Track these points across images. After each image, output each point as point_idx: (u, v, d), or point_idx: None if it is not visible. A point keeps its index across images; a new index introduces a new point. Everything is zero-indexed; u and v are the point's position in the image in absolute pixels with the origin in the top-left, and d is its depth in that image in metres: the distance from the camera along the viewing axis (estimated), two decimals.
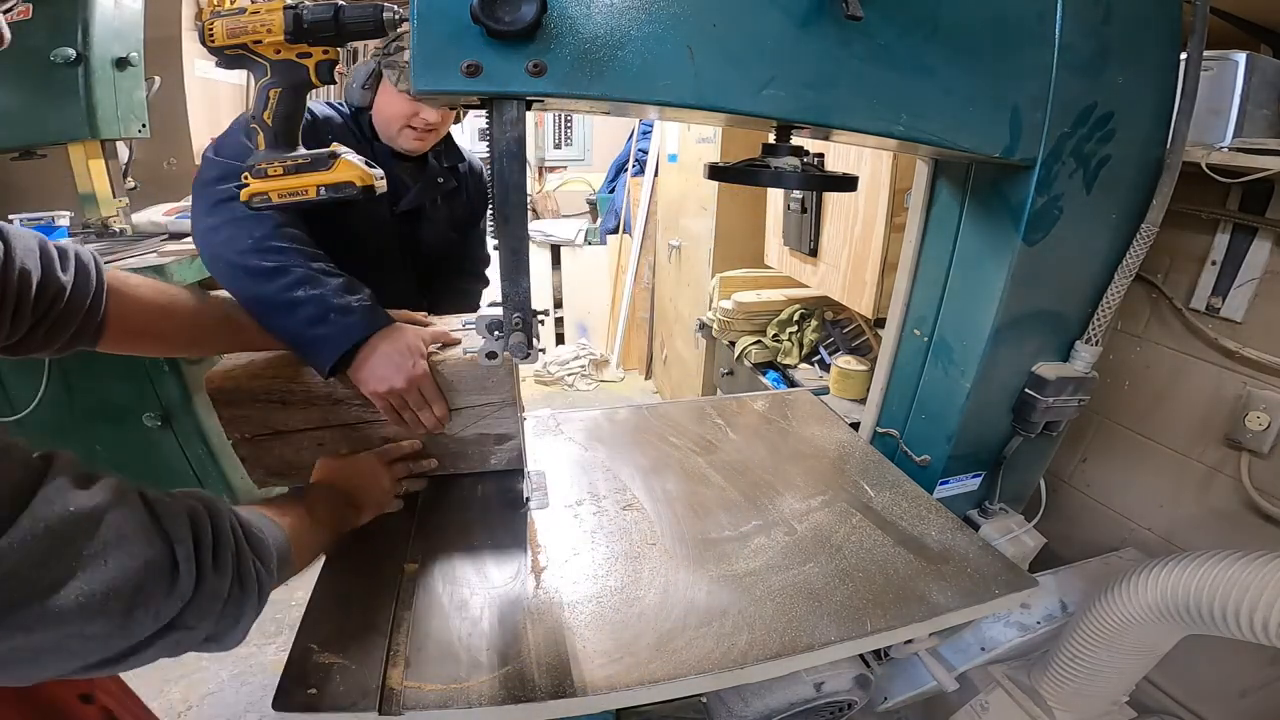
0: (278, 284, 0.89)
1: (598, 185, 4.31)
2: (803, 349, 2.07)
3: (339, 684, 0.65)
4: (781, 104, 0.65)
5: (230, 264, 0.92)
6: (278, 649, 1.95)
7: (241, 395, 0.90)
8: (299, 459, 0.96)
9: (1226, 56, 1.08)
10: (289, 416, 0.93)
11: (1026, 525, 1.08)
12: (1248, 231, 1.18)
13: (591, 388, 3.90)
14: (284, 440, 0.95)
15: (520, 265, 0.66)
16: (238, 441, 0.94)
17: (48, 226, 2.00)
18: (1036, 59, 0.78)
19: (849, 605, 0.78)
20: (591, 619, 0.76)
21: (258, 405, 0.91)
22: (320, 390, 0.92)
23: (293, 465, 0.97)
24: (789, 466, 1.11)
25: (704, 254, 2.71)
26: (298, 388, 0.91)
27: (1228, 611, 0.85)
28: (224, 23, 0.68)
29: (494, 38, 0.54)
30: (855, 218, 1.64)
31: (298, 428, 0.94)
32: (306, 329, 0.88)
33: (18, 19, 1.80)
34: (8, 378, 1.96)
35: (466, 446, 1.00)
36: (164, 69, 2.18)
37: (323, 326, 0.87)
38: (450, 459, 1.01)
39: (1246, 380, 1.20)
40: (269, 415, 0.92)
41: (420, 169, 1.34)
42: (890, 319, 1.16)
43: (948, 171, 1.00)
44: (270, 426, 0.93)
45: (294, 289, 0.88)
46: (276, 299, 0.89)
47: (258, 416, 0.92)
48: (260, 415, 0.92)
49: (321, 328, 0.87)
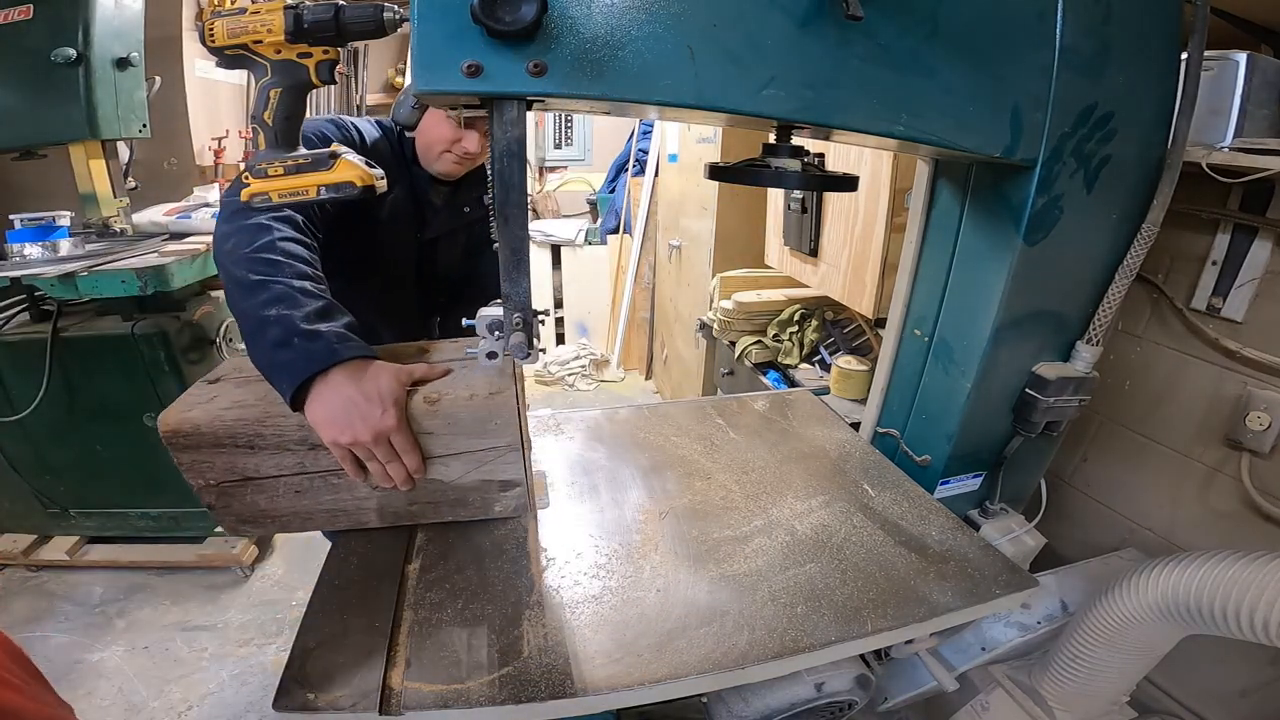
0: (254, 300, 0.80)
1: (598, 185, 4.31)
2: (803, 349, 2.07)
3: (339, 684, 0.65)
4: (782, 104, 0.65)
5: (226, 274, 0.86)
6: (278, 649, 1.95)
7: (201, 439, 0.78)
8: (275, 506, 0.85)
9: (1227, 56, 1.08)
10: (259, 462, 0.81)
11: (1027, 525, 1.08)
12: (1248, 231, 1.18)
13: (592, 388, 3.90)
14: (256, 487, 0.83)
15: (520, 265, 0.66)
16: (201, 488, 0.83)
17: (48, 226, 2.00)
18: (1037, 59, 0.78)
19: (849, 605, 0.78)
20: (592, 619, 0.76)
21: (221, 451, 0.79)
22: (293, 434, 0.79)
23: (267, 514, 0.86)
24: (789, 466, 1.11)
25: (704, 254, 2.71)
26: (268, 431, 0.79)
27: (1228, 611, 0.85)
28: (224, 23, 0.68)
29: (494, 38, 0.54)
30: (856, 218, 1.64)
31: (270, 474, 0.82)
32: (270, 353, 0.78)
33: (18, 19, 1.80)
34: (8, 378, 1.97)
35: (466, 493, 0.89)
36: (164, 69, 2.18)
37: (285, 351, 0.77)
38: (448, 507, 0.90)
39: (1247, 380, 1.20)
40: (235, 461, 0.80)
41: (451, 196, 1.35)
42: (891, 319, 1.16)
43: (948, 172, 1.00)
44: (238, 473, 0.82)
45: (267, 307, 0.79)
46: (251, 316, 0.80)
47: (222, 463, 0.80)
48: (225, 462, 0.80)
49: (283, 353, 0.77)
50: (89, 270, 1.74)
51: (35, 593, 2.18)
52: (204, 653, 1.94)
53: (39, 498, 2.19)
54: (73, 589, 2.19)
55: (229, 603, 2.14)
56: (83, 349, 1.93)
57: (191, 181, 2.98)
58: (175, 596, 2.16)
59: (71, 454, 2.09)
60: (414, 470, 0.82)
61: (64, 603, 2.13)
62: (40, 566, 2.27)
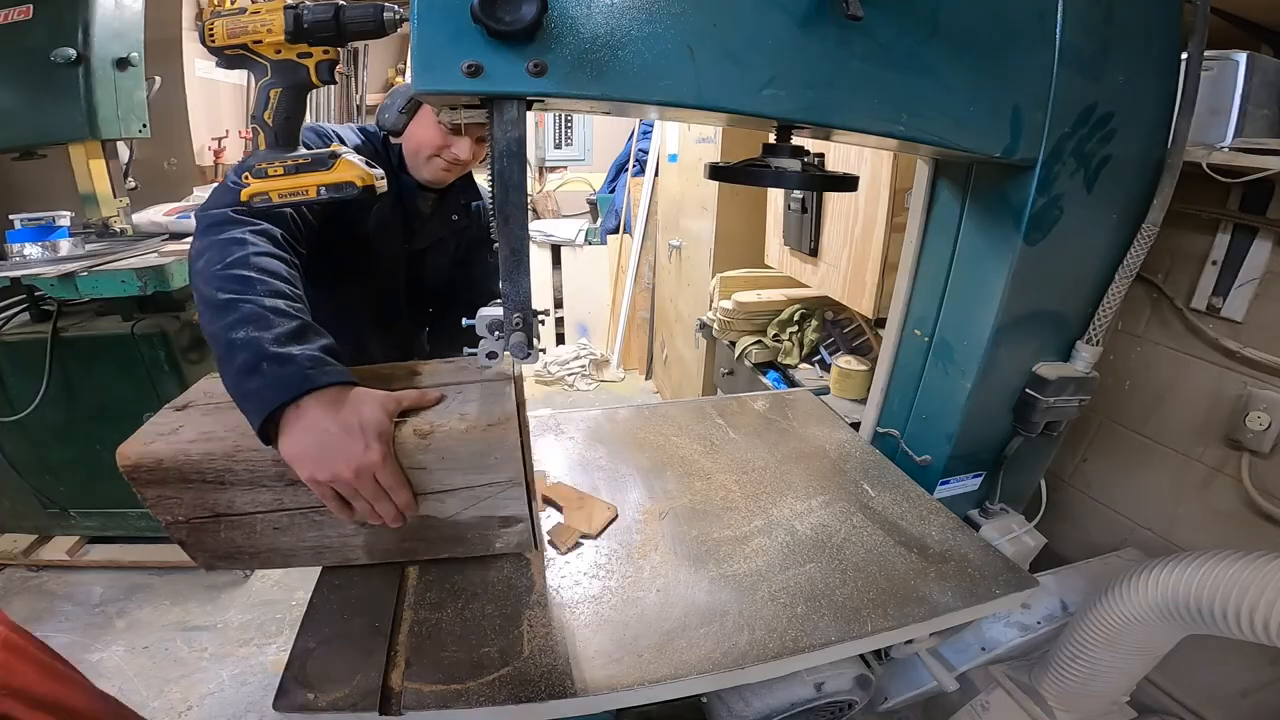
0: (223, 321, 0.72)
1: (598, 185, 4.31)
2: (803, 349, 2.07)
3: (339, 684, 0.65)
4: (782, 104, 0.65)
5: (197, 293, 0.77)
6: (278, 649, 1.95)
7: (165, 474, 0.70)
8: (253, 543, 0.77)
9: (1227, 56, 1.08)
10: (233, 498, 0.73)
11: (1027, 525, 1.08)
12: (1248, 231, 1.18)
13: (591, 388, 3.90)
14: (230, 524, 0.75)
15: (520, 265, 0.66)
16: (169, 524, 0.74)
17: (48, 226, 2.00)
18: (1037, 59, 0.78)
19: (849, 605, 0.78)
20: (592, 619, 0.76)
21: (189, 486, 0.71)
22: (268, 470, 0.71)
23: (245, 550, 0.78)
24: (789, 466, 1.11)
25: (704, 254, 2.71)
26: (239, 466, 0.70)
27: (1228, 611, 0.85)
28: (224, 23, 0.68)
29: (494, 38, 0.54)
30: (855, 218, 1.64)
31: (245, 510, 0.74)
32: (237, 379, 0.69)
33: (18, 19, 1.80)
34: (8, 378, 1.97)
35: (464, 530, 0.81)
36: (164, 69, 2.18)
37: (252, 379, 0.68)
38: (444, 544, 0.82)
39: (1247, 380, 1.20)
40: (204, 497, 0.72)
41: (439, 204, 1.33)
42: (891, 319, 1.16)
43: (948, 171, 1.00)
44: (209, 509, 0.74)
45: (236, 329, 0.71)
46: (219, 338, 0.72)
47: (190, 499, 0.72)
48: (193, 498, 0.72)
49: (251, 380, 0.68)
50: (89, 270, 1.74)
51: (35, 593, 2.18)
52: (204, 653, 1.94)
53: (39, 498, 2.19)
54: (73, 589, 2.19)
55: (229, 603, 2.14)
56: (83, 349, 1.94)
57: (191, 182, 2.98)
58: (175, 596, 2.16)
59: (71, 454, 2.09)
60: (404, 507, 0.73)
61: (64, 603, 2.13)
62: (40, 566, 2.27)
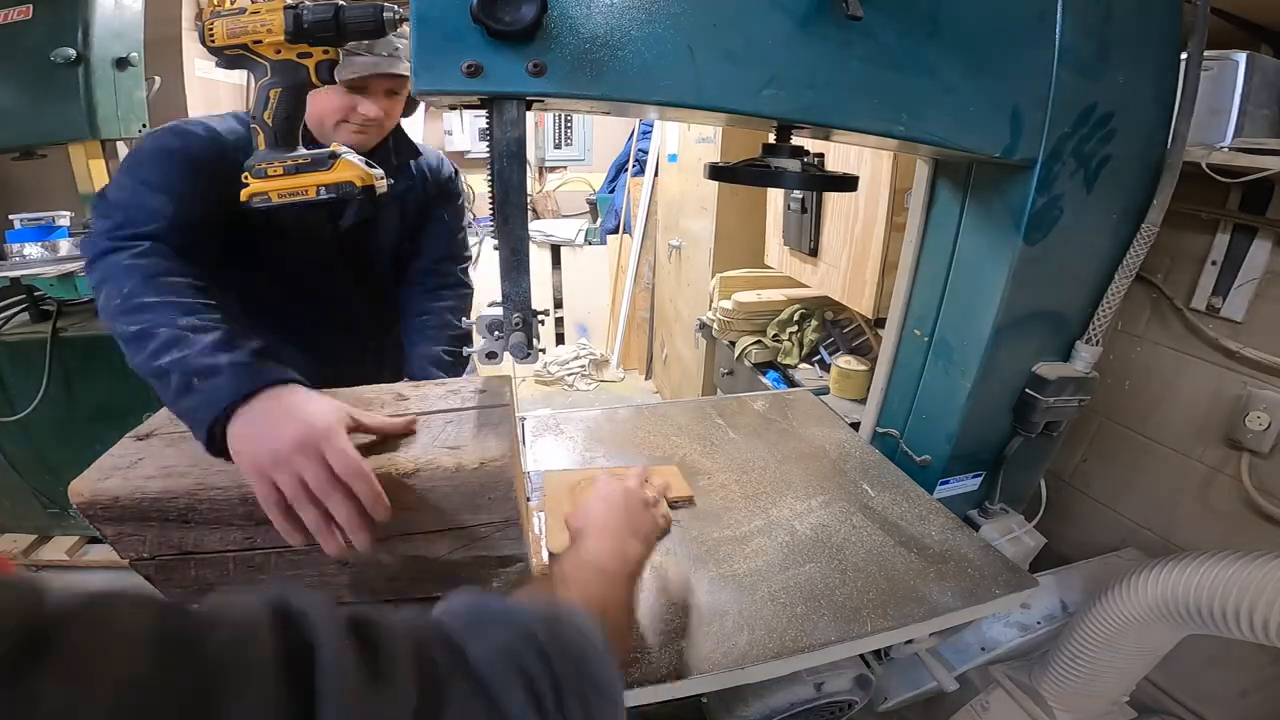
0: (144, 353, 0.70)
1: (598, 185, 4.31)
2: (803, 349, 2.07)
3: None
4: (781, 104, 0.65)
5: (111, 332, 0.74)
6: None
7: (123, 513, 0.64)
8: (227, 582, 0.70)
9: (1227, 56, 1.08)
10: (200, 536, 0.66)
11: (1027, 525, 1.08)
12: (1248, 231, 1.18)
13: (591, 388, 3.90)
14: (200, 562, 0.69)
15: (520, 265, 0.66)
16: (134, 562, 0.68)
17: (48, 226, 2.00)
18: (1037, 59, 0.78)
19: (849, 605, 0.78)
20: None
21: (149, 525, 0.64)
22: (235, 510, 0.64)
23: (218, 588, 0.70)
24: (789, 466, 1.11)
25: (704, 254, 2.71)
26: (202, 505, 0.63)
27: (1228, 611, 0.85)
28: (224, 23, 0.68)
29: (494, 38, 0.54)
30: (855, 218, 1.64)
31: (215, 549, 0.67)
32: (176, 404, 0.67)
33: (18, 19, 1.80)
34: (8, 378, 1.97)
35: (456, 570, 0.73)
36: (164, 69, 2.18)
37: (188, 398, 0.65)
38: (434, 583, 0.74)
39: (1247, 380, 1.20)
40: (168, 535, 0.65)
41: None
42: (890, 319, 1.16)
43: (948, 171, 1.00)
44: (175, 547, 0.67)
45: (159, 356, 0.69)
46: (146, 370, 0.70)
47: (153, 537, 0.66)
48: (157, 535, 0.65)
49: (187, 400, 0.66)
50: None
51: None
52: None
53: (39, 498, 2.19)
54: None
55: None
56: (83, 349, 1.93)
57: None
58: None
59: (71, 454, 2.09)
60: (370, 504, 0.60)
61: None
62: (40, 566, 2.27)
